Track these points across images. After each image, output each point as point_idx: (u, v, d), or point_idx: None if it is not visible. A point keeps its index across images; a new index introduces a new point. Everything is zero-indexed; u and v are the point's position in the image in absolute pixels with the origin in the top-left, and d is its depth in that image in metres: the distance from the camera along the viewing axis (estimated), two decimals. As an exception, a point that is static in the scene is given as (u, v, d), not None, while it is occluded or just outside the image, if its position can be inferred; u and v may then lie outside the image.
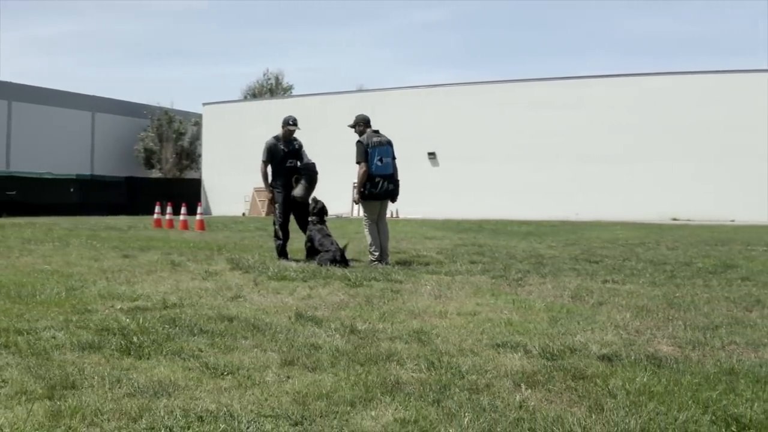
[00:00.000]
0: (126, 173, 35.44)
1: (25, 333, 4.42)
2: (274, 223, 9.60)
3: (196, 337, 4.42)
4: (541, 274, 7.89)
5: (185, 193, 30.08)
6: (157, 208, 18.94)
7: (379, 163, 8.79)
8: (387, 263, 8.75)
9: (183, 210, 18.02)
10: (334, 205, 31.45)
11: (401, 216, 30.88)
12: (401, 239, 14.06)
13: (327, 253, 8.53)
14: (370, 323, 5.02)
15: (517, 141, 29.25)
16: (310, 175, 9.57)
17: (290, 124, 9.70)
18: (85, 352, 3.99)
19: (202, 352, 4.08)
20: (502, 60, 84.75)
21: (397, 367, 3.83)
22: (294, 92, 46.14)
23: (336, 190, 32.13)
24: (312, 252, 8.96)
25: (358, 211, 32.64)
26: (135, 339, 4.28)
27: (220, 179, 33.74)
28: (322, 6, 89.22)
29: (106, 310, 5.31)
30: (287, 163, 9.54)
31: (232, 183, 32.59)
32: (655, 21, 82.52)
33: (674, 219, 26.30)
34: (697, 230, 17.69)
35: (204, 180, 35.17)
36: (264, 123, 35.33)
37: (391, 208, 32.85)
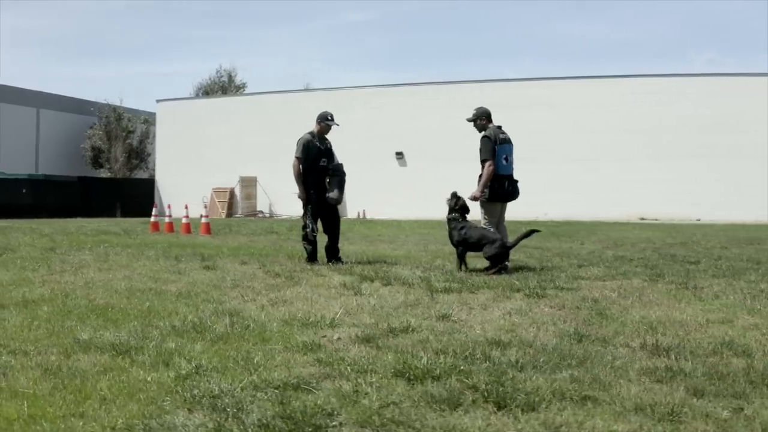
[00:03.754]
0: (72, 172, 32.99)
1: (304, 388, 3.34)
2: (305, 227, 8.99)
3: (532, 373, 3.65)
4: (685, 276, 7.52)
5: (138, 194, 28.38)
6: (154, 210, 17.53)
7: (504, 162, 8.13)
8: (507, 268, 8.12)
9: (185, 212, 16.77)
10: (299, 207, 30.72)
11: (368, 216, 30.23)
12: (433, 242, 13.48)
13: (494, 244, 7.75)
14: (656, 339, 4.48)
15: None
16: (341, 177, 8.98)
17: (329, 119, 9.06)
18: (442, 409, 3.11)
19: (581, 390, 3.34)
20: (432, 62, 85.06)
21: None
22: (247, 90, 44.50)
23: (298, 190, 31.17)
24: (465, 252, 8.14)
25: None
26: (467, 381, 3.45)
27: (175, 179, 32.04)
28: (258, 4, 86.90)
29: (328, 341, 4.46)
30: (320, 163, 8.89)
31: (188, 183, 30.99)
32: (586, 26, 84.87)
33: (642, 219, 26.79)
34: (700, 229, 17.92)
35: (158, 180, 33.32)
36: (221, 121, 33.96)
37: (358, 209, 32.07)
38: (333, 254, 9.01)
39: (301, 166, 8.87)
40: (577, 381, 3.52)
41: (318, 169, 8.89)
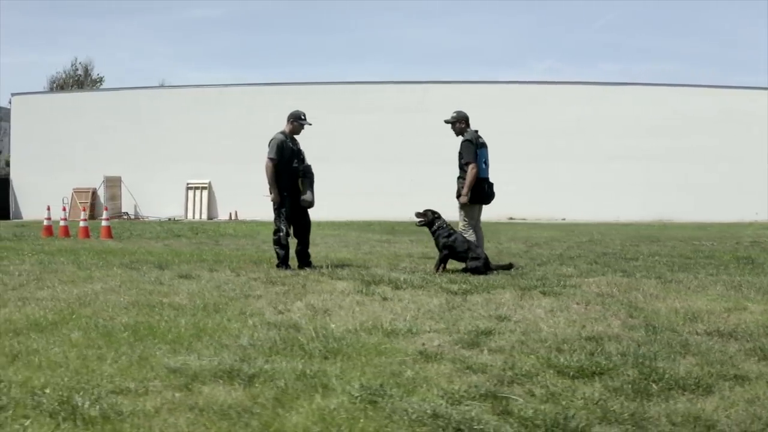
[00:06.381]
0: None
1: (502, 397, 3.38)
2: (278, 231, 8.74)
3: (664, 362, 3.94)
4: (652, 271, 8.19)
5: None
6: (46, 213, 16.05)
7: (483, 166, 8.42)
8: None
9: (83, 215, 15.54)
10: (167, 208, 29.35)
11: (240, 218, 29.56)
12: (353, 243, 13.57)
13: (478, 260, 8.08)
14: (716, 326, 5.03)
15: (358, 141, 29.49)
16: (311, 179, 8.88)
17: (302, 119, 8.90)
18: (641, 399, 3.39)
19: (727, 371, 3.79)
20: (280, 62, 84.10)
21: None
22: (105, 84, 41.64)
23: (168, 190, 29.79)
24: (448, 258, 8.30)
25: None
26: (633, 373, 3.75)
27: (32, 179, 29.45)
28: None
29: (432, 349, 4.51)
30: (293, 164, 8.72)
31: (47, 183, 28.63)
32: (430, 31, 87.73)
33: (510, 218, 28.39)
34: (585, 228, 19.38)
35: (13, 179, 30.44)
36: (81, 117, 31.62)
37: (230, 209, 31.01)
38: (304, 258, 8.86)
39: (274, 168, 8.62)
40: (712, 364, 3.93)
41: (291, 171, 8.66)
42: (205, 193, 30.78)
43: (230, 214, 30.24)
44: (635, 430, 2.99)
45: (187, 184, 30.58)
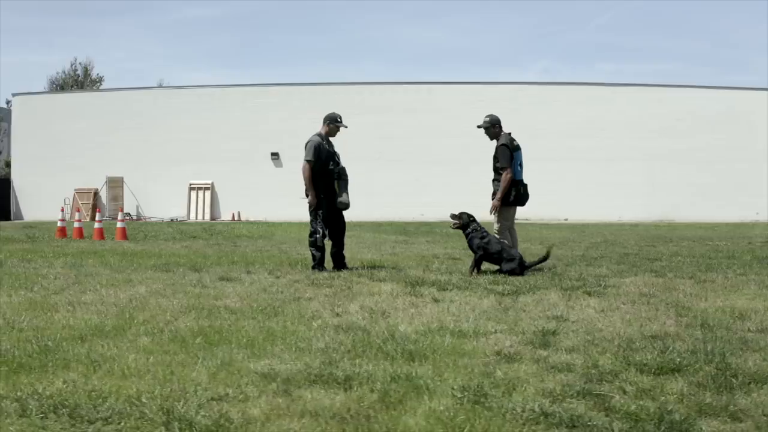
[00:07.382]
0: None
1: (598, 394, 3.49)
2: (314, 233, 8.80)
3: (734, 358, 4.11)
4: (683, 271, 8.38)
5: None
6: (60, 214, 16.05)
7: (518, 168, 8.57)
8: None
9: (97, 216, 15.57)
10: (170, 209, 29.35)
11: (243, 218, 29.61)
12: (369, 245, 13.66)
13: (512, 261, 8.22)
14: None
15: (362, 142, 29.55)
16: (346, 180, 8.97)
17: (338, 121, 9.02)
18: (727, 393, 3.53)
19: None
20: (276, 62, 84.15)
21: None
22: (104, 84, 41.52)
23: (170, 191, 29.80)
24: (483, 260, 8.43)
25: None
26: (707, 370, 3.87)
27: (33, 179, 29.40)
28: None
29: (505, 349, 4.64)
30: (329, 166, 8.80)
31: (48, 184, 28.62)
32: (427, 32, 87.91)
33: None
34: (594, 228, 19.56)
35: (14, 180, 30.37)
36: (83, 117, 31.58)
37: (233, 210, 31.05)
38: (340, 260, 8.95)
39: (311, 170, 8.68)
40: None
41: (328, 173, 8.74)
42: (208, 193, 30.83)
43: (233, 214, 30.31)
44: (733, 422, 3.13)
45: (190, 184, 30.62)
